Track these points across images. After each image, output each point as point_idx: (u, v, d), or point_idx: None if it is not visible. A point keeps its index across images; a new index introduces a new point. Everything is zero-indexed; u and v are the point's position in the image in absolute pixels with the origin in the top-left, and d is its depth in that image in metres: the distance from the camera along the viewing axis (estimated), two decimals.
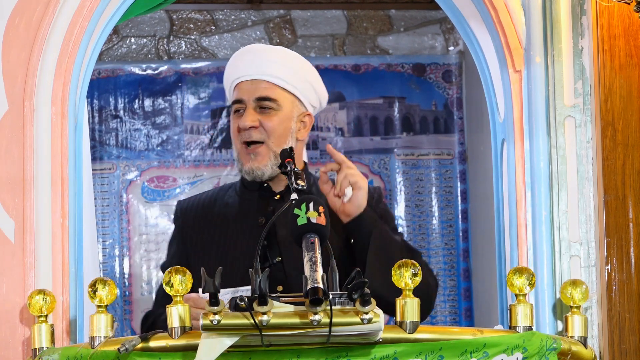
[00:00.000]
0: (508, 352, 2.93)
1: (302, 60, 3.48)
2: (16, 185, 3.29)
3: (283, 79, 3.39)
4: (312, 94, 3.44)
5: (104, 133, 6.66)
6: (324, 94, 3.51)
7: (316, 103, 3.47)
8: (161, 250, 6.63)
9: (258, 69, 3.41)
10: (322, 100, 3.50)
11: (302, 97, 3.42)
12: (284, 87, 3.40)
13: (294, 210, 2.90)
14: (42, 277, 3.26)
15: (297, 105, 3.42)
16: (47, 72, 3.34)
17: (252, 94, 3.41)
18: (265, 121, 3.38)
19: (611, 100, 3.45)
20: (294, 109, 3.42)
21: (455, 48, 6.84)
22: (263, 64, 3.42)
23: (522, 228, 3.51)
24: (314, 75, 3.47)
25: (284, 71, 3.40)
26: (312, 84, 3.43)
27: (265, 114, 3.39)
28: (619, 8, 3.44)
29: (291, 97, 3.41)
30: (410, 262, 2.94)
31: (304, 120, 3.44)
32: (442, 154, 6.77)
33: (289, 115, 3.40)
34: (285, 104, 3.40)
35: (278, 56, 3.44)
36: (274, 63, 3.41)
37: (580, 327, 3.12)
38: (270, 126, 3.38)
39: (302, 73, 3.43)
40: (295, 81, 3.40)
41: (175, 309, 2.93)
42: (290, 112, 3.41)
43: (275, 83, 3.40)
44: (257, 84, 3.41)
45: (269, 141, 3.38)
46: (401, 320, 2.93)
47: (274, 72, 3.40)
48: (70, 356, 2.98)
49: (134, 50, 6.80)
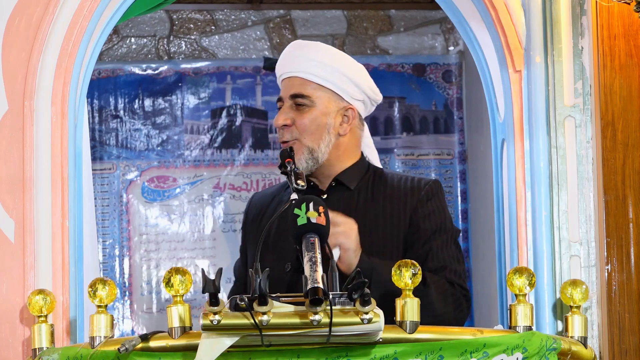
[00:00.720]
0: (508, 352, 2.93)
1: (338, 54, 3.45)
2: (16, 185, 3.29)
3: (316, 74, 3.37)
4: (351, 87, 3.40)
5: (104, 133, 6.66)
6: (368, 86, 3.43)
7: (360, 96, 3.42)
8: (161, 250, 6.63)
9: (293, 66, 3.41)
10: (368, 93, 3.43)
11: (339, 91, 3.39)
12: (319, 83, 3.38)
13: (294, 210, 2.90)
14: (42, 277, 3.26)
15: (334, 100, 3.39)
16: (47, 72, 3.34)
17: (288, 92, 3.41)
18: (298, 119, 3.37)
19: (611, 100, 3.45)
20: (331, 104, 3.39)
21: (455, 48, 6.84)
22: (297, 60, 3.41)
23: (522, 228, 3.50)
24: (352, 68, 3.43)
25: (317, 67, 3.38)
26: (349, 77, 3.40)
27: (299, 111, 3.38)
28: (619, 8, 3.44)
29: (327, 93, 3.39)
30: (410, 262, 2.93)
31: (346, 114, 3.41)
32: (442, 154, 6.77)
33: (325, 111, 3.38)
34: (319, 100, 3.38)
35: (312, 52, 3.43)
36: (308, 59, 3.40)
37: (580, 327, 3.12)
38: (302, 124, 3.37)
39: (338, 67, 3.39)
40: (329, 76, 3.38)
41: (175, 309, 2.93)
42: (326, 107, 3.38)
43: (308, 79, 3.38)
44: (293, 81, 3.41)
45: (302, 138, 3.37)
46: (401, 320, 2.93)
47: (307, 68, 3.39)
48: (70, 356, 2.98)
49: (134, 50, 6.80)
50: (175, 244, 6.66)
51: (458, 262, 3.35)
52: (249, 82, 6.76)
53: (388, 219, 3.33)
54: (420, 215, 3.33)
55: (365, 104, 3.44)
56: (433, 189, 3.38)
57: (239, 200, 6.67)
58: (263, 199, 3.54)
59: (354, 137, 3.44)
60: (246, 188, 6.70)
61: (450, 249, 3.35)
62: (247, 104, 6.74)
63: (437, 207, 3.38)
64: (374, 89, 3.45)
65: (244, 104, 6.74)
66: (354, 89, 3.40)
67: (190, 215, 6.67)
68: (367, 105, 3.46)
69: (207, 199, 6.68)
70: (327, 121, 3.37)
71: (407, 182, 3.40)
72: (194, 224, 6.67)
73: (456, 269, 3.32)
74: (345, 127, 3.40)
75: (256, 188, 6.69)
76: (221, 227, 6.67)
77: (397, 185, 3.39)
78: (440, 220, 3.36)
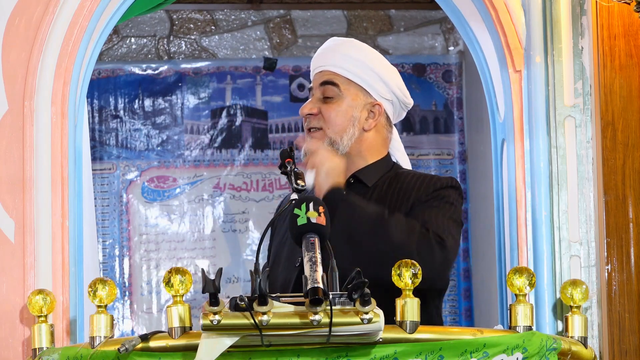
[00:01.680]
0: (508, 352, 2.93)
1: (370, 52, 3.48)
2: (16, 185, 3.29)
3: (346, 68, 3.41)
4: (379, 85, 3.41)
5: (104, 133, 6.66)
6: (397, 86, 3.44)
7: (388, 95, 3.43)
8: (161, 250, 6.63)
9: (325, 60, 3.45)
10: (397, 93, 3.44)
11: (367, 86, 3.41)
12: (348, 77, 3.41)
13: (294, 210, 2.90)
14: (42, 277, 3.26)
15: (361, 94, 3.41)
16: (47, 72, 3.34)
17: (318, 82, 3.43)
18: (325, 110, 3.40)
19: (611, 100, 3.45)
20: (358, 98, 3.40)
21: (455, 48, 6.84)
22: (330, 55, 3.45)
23: (522, 228, 3.50)
24: (382, 66, 3.45)
25: (348, 61, 3.41)
26: (379, 74, 3.42)
27: (327, 102, 3.40)
28: (619, 8, 3.44)
29: (355, 87, 3.41)
30: (411, 262, 2.93)
31: (372, 110, 3.42)
32: (442, 154, 6.77)
33: (352, 103, 3.40)
34: (347, 93, 3.40)
35: (345, 48, 3.46)
36: (339, 54, 3.43)
37: (580, 327, 3.12)
38: (328, 114, 3.39)
39: (368, 63, 3.42)
40: (359, 71, 3.40)
41: (175, 309, 2.93)
42: (354, 100, 3.40)
43: (339, 73, 3.42)
44: (323, 74, 3.44)
45: (326, 127, 3.39)
46: (401, 320, 2.93)
47: (337, 62, 3.42)
48: (70, 356, 2.98)
49: (134, 50, 6.80)
50: (175, 244, 6.66)
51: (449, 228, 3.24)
52: (249, 82, 6.76)
53: (394, 211, 3.31)
54: (423, 200, 3.29)
55: (394, 105, 3.45)
56: (443, 183, 3.32)
57: (239, 200, 6.67)
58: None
59: (379, 135, 3.44)
60: (246, 188, 6.70)
61: (446, 219, 3.25)
62: (247, 104, 6.74)
63: (442, 198, 3.29)
64: (403, 91, 3.46)
65: (244, 104, 6.74)
66: (382, 86, 3.41)
67: (190, 215, 6.68)
68: (396, 108, 3.46)
69: (207, 199, 6.68)
70: (352, 114, 3.38)
71: (420, 178, 3.37)
72: (193, 224, 6.68)
73: (442, 225, 3.22)
74: (370, 123, 3.41)
75: (256, 188, 6.69)
76: (221, 227, 6.67)
77: (410, 181, 3.37)
78: (443, 205, 3.28)
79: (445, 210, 3.27)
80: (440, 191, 3.30)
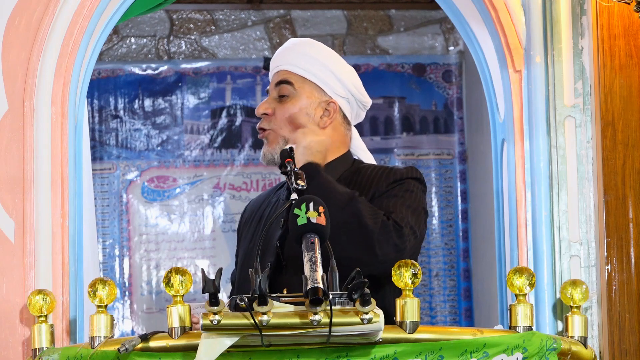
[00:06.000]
0: (508, 352, 2.93)
1: (325, 50, 3.49)
2: (16, 185, 3.29)
3: (300, 66, 3.41)
4: (334, 82, 3.42)
5: (104, 133, 6.66)
6: (352, 84, 3.45)
7: (343, 92, 3.43)
8: (161, 250, 6.63)
9: (281, 60, 3.47)
10: (352, 91, 3.44)
11: (321, 84, 3.42)
12: (302, 75, 3.41)
13: (294, 210, 2.90)
14: (42, 277, 3.26)
15: (316, 92, 3.42)
16: (47, 72, 3.34)
17: (273, 82, 3.44)
18: (279, 109, 3.40)
19: (611, 100, 3.46)
20: (313, 96, 3.41)
21: (455, 48, 6.84)
22: (285, 54, 3.47)
23: (522, 228, 3.51)
24: (337, 64, 3.45)
25: (302, 59, 3.42)
26: (333, 72, 3.43)
27: (282, 101, 3.41)
28: (619, 8, 3.44)
29: (310, 85, 3.42)
30: (411, 262, 2.94)
31: (327, 108, 3.43)
32: (442, 154, 6.77)
33: (306, 101, 3.41)
34: (302, 91, 3.41)
35: (299, 46, 3.48)
36: (294, 52, 3.45)
37: (580, 327, 3.12)
38: (281, 114, 3.40)
39: (322, 60, 3.43)
40: (313, 68, 3.41)
41: (175, 309, 2.93)
42: (308, 98, 3.41)
43: (293, 71, 3.42)
44: (279, 74, 3.45)
45: (278, 128, 3.39)
46: (401, 320, 2.93)
47: (292, 60, 3.43)
48: (70, 356, 2.98)
49: (134, 50, 6.80)
50: (175, 244, 6.67)
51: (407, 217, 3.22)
52: (249, 82, 6.76)
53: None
54: (383, 191, 3.28)
55: (350, 104, 3.45)
56: (403, 174, 3.31)
57: (239, 200, 6.67)
58: (255, 204, 3.57)
59: (336, 132, 3.44)
60: (246, 188, 6.70)
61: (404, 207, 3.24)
62: (247, 104, 6.74)
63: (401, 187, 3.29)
64: (359, 89, 3.46)
65: (243, 104, 6.74)
66: (337, 84, 3.42)
67: (190, 215, 6.68)
68: (352, 106, 3.46)
69: (207, 199, 6.68)
70: (308, 111, 3.39)
71: (380, 170, 3.37)
72: (193, 224, 6.68)
73: (399, 213, 3.21)
74: (325, 120, 3.41)
75: (256, 188, 6.69)
76: (221, 227, 6.67)
77: (370, 174, 3.37)
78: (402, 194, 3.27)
79: (405, 199, 3.26)
80: (399, 182, 3.30)
